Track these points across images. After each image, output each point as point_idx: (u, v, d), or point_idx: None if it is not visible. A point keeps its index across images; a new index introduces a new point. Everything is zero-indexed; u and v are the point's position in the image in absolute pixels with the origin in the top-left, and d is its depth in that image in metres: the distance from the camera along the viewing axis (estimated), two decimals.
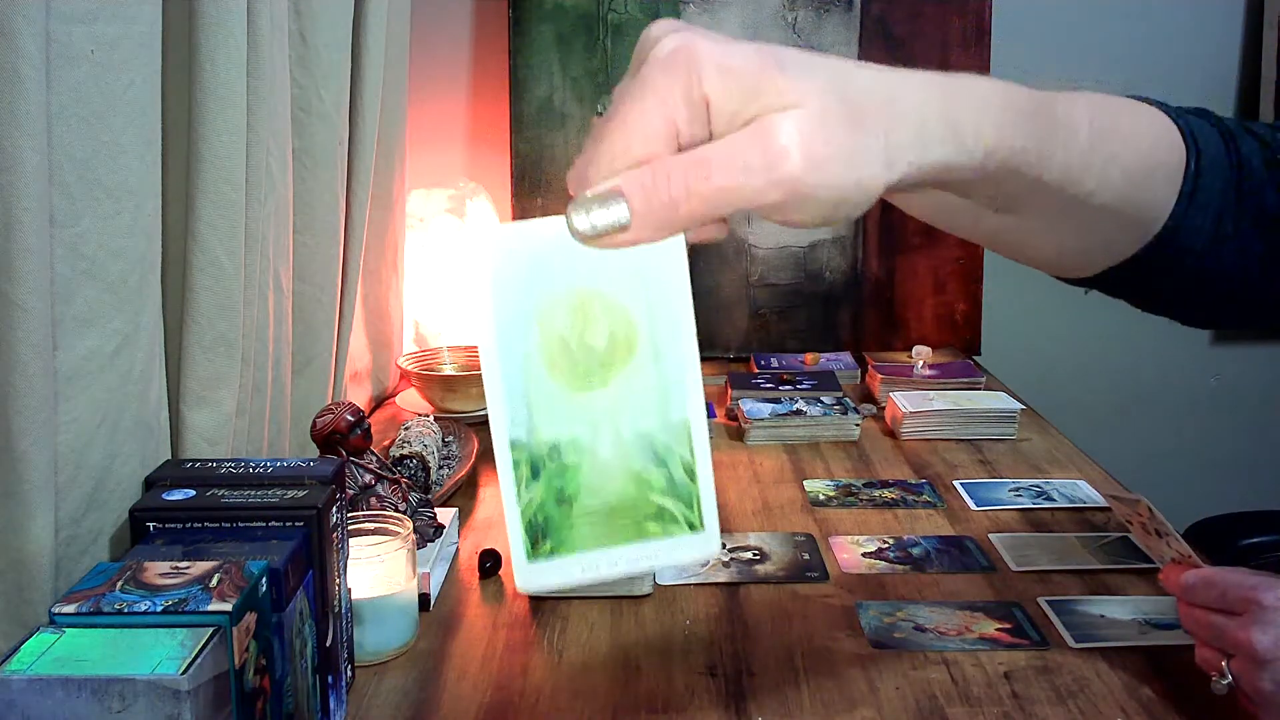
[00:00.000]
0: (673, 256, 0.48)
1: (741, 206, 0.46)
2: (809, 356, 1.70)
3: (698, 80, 0.45)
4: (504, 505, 0.49)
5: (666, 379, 0.49)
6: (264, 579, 0.65)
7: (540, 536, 0.49)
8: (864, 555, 1.05)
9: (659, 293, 0.49)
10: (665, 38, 0.46)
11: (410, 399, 1.53)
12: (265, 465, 0.77)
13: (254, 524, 0.71)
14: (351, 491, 0.98)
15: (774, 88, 0.45)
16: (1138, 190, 0.63)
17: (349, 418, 0.98)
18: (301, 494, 0.73)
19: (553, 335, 0.49)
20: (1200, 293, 0.71)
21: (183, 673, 0.56)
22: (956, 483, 1.24)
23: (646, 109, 0.46)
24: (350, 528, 0.83)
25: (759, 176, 0.45)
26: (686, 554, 0.50)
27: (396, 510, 0.97)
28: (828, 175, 0.46)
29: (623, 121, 0.46)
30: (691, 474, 0.50)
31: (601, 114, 0.48)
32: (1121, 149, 0.62)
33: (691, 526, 0.50)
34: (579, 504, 0.49)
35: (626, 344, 0.49)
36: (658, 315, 0.49)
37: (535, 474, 0.49)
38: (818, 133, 0.45)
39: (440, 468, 1.21)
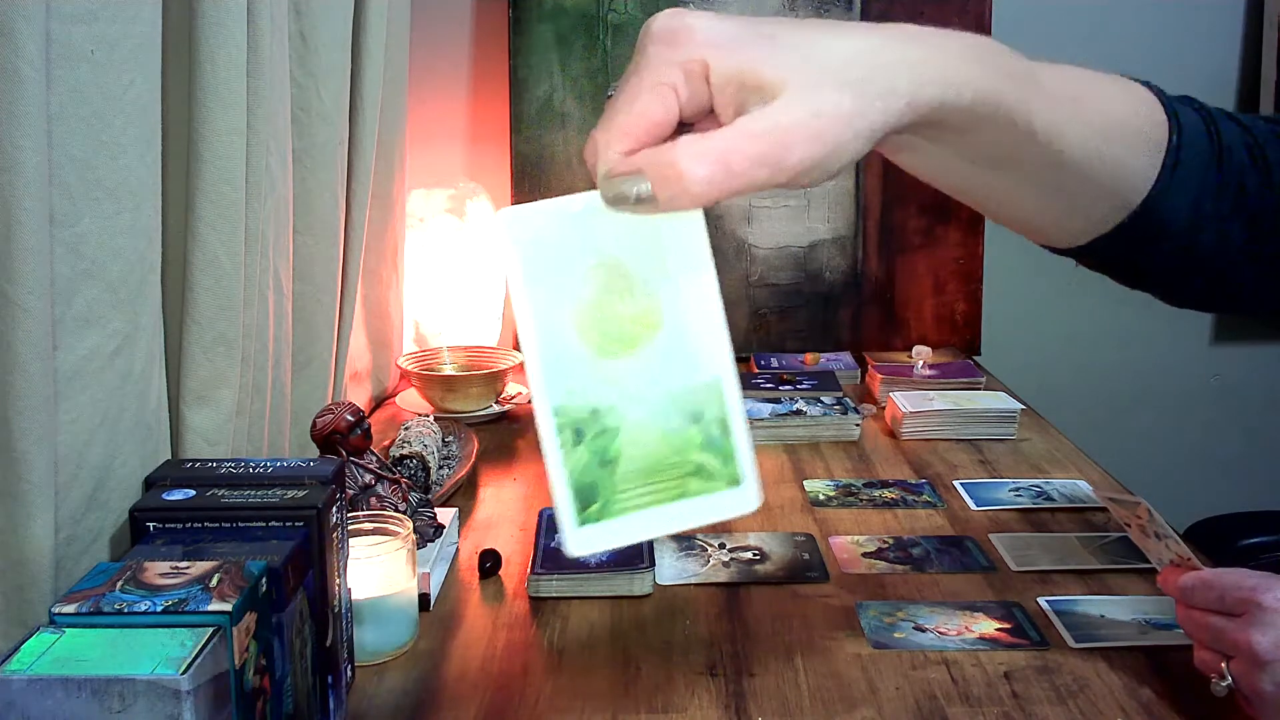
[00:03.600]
0: (691, 224, 0.50)
1: (752, 192, 0.49)
2: (809, 356, 1.70)
3: (692, 52, 0.49)
4: (549, 472, 0.49)
5: (694, 339, 0.51)
6: (264, 579, 0.65)
7: (588, 500, 0.50)
8: (864, 555, 1.05)
9: (679, 258, 0.51)
10: (658, 16, 0.50)
11: (410, 399, 1.53)
12: (265, 465, 0.77)
13: (254, 524, 0.71)
14: (351, 491, 0.98)
15: (760, 67, 0.49)
16: (1117, 153, 0.66)
17: (349, 418, 0.98)
18: (301, 494, 0.73)
19: (582, 305, 0.50)
20: (1183, 272, 0.73)
21: (183, 673, 0.56)
22: (956, 483, 1.24)
23: (646, 84, 0.49)
24: (350, 528, 0.83)
25: (765, 170, 0.48)
26: (726, 510, 0.51)
27: (396, 510, 0.97)
28: (825, 148, 0.49)
29: (629, 99, 0.49)
30: (726, 429, 0.51)
31: (611, 96, 0.51)
32: (1100, 108, 0.65)
33: (730, 481, 0.51)
34: (621, 465, 0.50)
35: (651, 309, 0.51)
36: (679, 279, 0.51)
37: (579, 438, 0.50)
38: (809, 114, 0.49)
39: (440, 468, 1.21)
